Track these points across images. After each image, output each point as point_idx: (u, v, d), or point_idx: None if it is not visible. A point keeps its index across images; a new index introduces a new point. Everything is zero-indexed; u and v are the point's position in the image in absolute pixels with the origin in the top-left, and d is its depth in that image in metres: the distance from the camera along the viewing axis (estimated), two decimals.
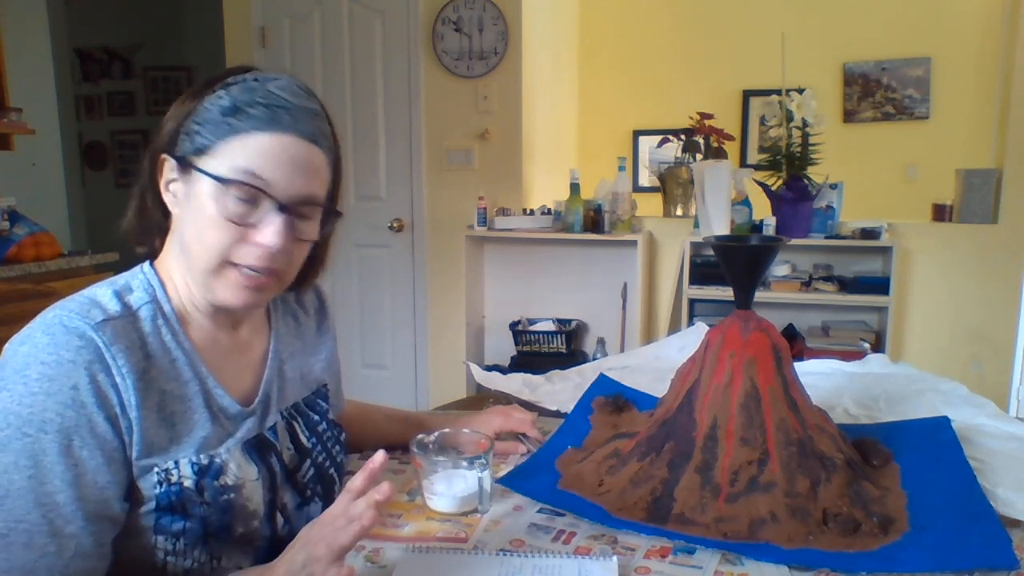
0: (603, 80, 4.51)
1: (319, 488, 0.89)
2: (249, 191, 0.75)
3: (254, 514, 0.79)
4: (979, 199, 3.02)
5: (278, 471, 0.84)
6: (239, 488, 0.78)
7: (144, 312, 0.77)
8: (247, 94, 0.76)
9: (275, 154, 0.75)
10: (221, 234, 0.75)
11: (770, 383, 0.93)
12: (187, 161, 0.76)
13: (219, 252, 0.75)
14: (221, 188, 0.74)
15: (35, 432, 0.68)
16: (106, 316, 0.73)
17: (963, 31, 3.98)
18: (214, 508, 0.76)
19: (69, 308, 0.73)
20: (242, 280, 0.77)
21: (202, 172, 0.75)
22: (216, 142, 0.75)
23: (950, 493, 0.91)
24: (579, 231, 3.16)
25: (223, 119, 0.75)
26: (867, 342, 2.92)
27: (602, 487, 0.96)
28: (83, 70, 5.78)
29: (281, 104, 0.76)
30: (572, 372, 1.52)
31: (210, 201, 0.75)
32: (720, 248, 1.01)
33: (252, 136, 0.75)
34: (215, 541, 0.76)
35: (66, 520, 0.68)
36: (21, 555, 0.67)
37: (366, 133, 3.50)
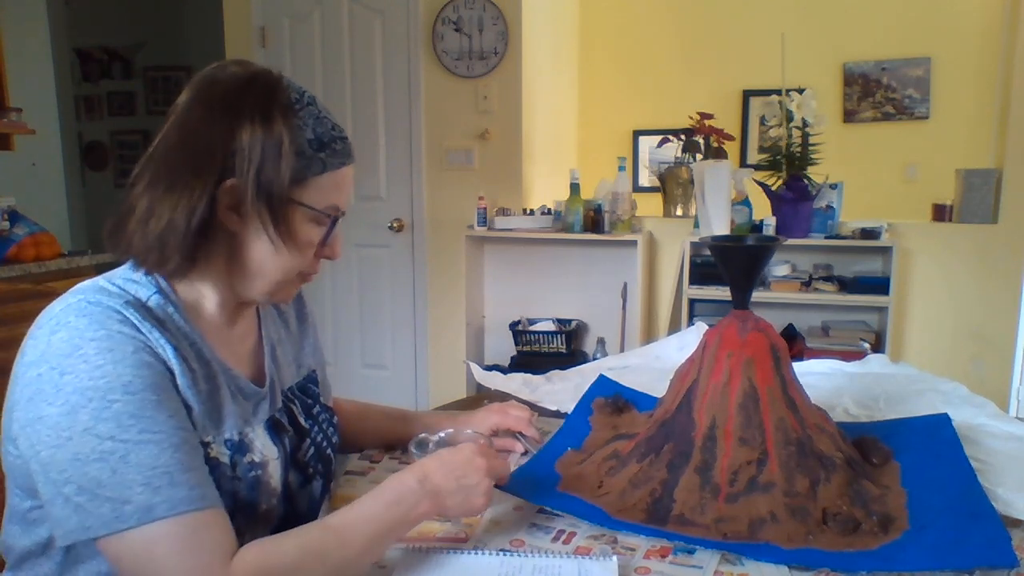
0: (603, 80, 4.51)
1: (319, 467, 0.92)
2: (339, 221, 0.85)
3: (275, 491, 0.83)
4: (979, 199, 3.02)
5: (288, 451, 0.88)
6: (265, 466, 0.82)
7: (154, 301, 0.78)
8: (321, 126, 0.81)
9: (349, 185, 0.86)
10: (309, 254, 0.84)
11: (768, 383, 0.93)
12: (283, 192, 0.78)
13: (299, 269, 0.84)
14: (317, 217, 0.82)
15: (122, 396, 0.69)
16: (125, 299, 0.75)
17: (963, 31, 3.98)
18: (244, 484, 0.79)
19: (86, 295, 0.74)
20: (300, 284, 0.89)
21: (305, 206, 0.80)
22: (309, 177, 0.80)
23: (950, 492, 0.91)
24: (579, 231, 3.16)
25: (315, 154, 0.80)
26: (867, 342, 2.91)
27: (602, 489, 0.96)
28: (83, 70, 5.79)
29: (343, 136, 0.84)
30: (572, 372, 1.52)
31: (306, 228, 0.82)
32: (717, 248, 1.01)
33: (342, 173, 0.83)
34: (242, 517, 0.78)
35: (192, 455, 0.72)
36: (173, 494, 0.68)
37: (366, 133, 3.50)
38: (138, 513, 0.66)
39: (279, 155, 0.77)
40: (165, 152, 0.78)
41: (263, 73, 0.82)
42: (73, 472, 0.67)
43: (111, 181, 5.88)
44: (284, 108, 0.79)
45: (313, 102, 0.83)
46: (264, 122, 0.77)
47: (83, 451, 0.67)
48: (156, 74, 5.77)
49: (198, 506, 0.68)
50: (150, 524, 0.66)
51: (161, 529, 0.67)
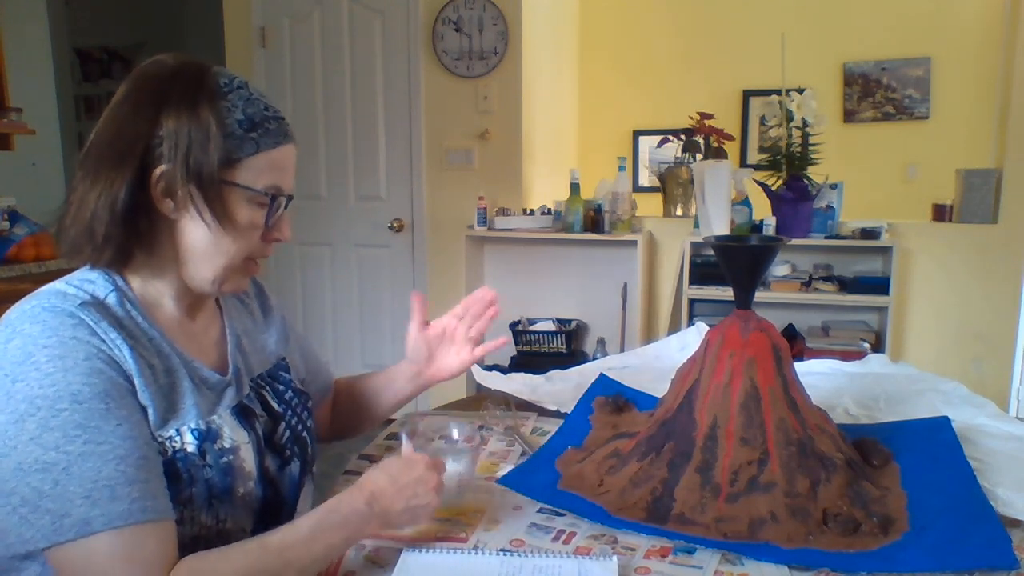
0: (603, 80, 4.51)
1: (296, 449, 0.93)
2: (281, 202, 0.85)
3: (250, 475, 0.83)
4: (979, 199, 3.02)
5: (260, 435, 0.88)
6: (236, 450, 0.82)
7: (111, 299, 0.79)
8: (251, 107, 0.82)
9: (289, 164, 0.86)
10: (253, 237, 0.84)
11: (770, 383, 0.93)
12: (214, 175, 0.79)
13: (247, 253, 0.84)
14: (254, 198, 0.82)
15: (69, 405, 0.69)
16: (82, 300, 0.76)
17: (963, 31, 3.98)
18: (216, 470, 0.79)
19: (41, 301, 0.74)
20: (253, 269, 0.88)
21: (239, 186, 0.81)
22: (243, 157, 0.81)
23: (950, 493, 0.91)
24: (579, 231, 3.15)
25: (246, 135, 0.80)
26: (867, 342, 2.91)
27: (602, 487, 0.96)
28: (83, 70, 5.79)
29: (280, 116, 0.85)
30: (572, 372, 1.52)
31: (244, 210, 0.82)
32: (720, 248, 1.01)
33: (275, 151, 0.83)
34: (219, 503, 0.80)
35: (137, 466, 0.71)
36: (111, 507, 0.68)
37: (366, 133, 3.50)
38: (76, 526, 0.67)
39: (207, 138, 0.78)
40: (95, 147, 0.80)
41: (191, 63, 0.83)
42: (17, 483, 0.67)
43: None
44: (211, 93, 0.80)
45: (244, 86, 0.83)
46: (190, 108, 0.78)
47: (27, 461, 0.67)
48: None
49: (137, 519, 0.68)
50: (87, 537, 0.67)
51: (99, 542, 0.67)
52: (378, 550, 0.84)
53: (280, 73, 3.56)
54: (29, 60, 3.86)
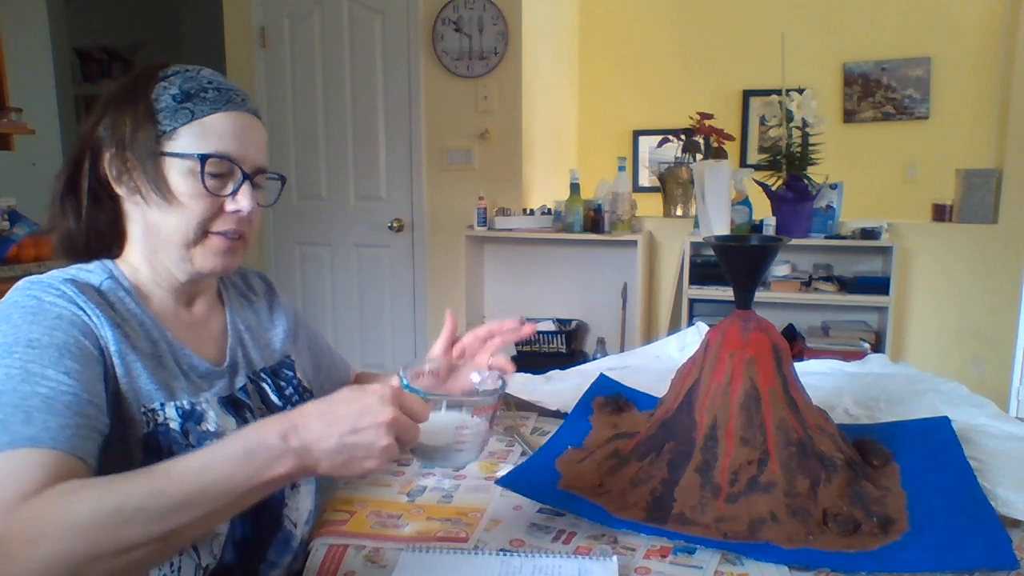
0: (603, 80, 4.51)
1: None
2: (225, 164, 0.84)
3: None
4: (979, 199, 3.02)
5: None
6: (221, 435, 0.81)
7: (106, 286, 0.83)
8: (191, 82, 0.84)
9: (237, 130, 0.85)
10: (200, 207, 0.83)
11: (770, 383, 0.93)
12: (150, 149, 0.82)
13: (199, 224, 0.83)
14: (196, 166, 0.82)
15: (23, 348, 0.71)
16: (69, 278, 0.80)
17: (963, 31, 3.98)
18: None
19: (31, 280, 0.78)
20: (221, 245, 0.85)
21: (174, 155, 0.82)
22: (177, 127, 0.82)
23: (950, 493, 0.91)
24: (579, 231, 3.16)
25: (179, 106, 0.83)
26: (867, 342, 2.91)
27: (602, 487, 0.96)
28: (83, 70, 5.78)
29: (226, 87, 0.86)
30: (572, 372, 1.52)
31: (183, 179, 0.82)
32: (720, 248, 1.01)
33: (214, 117, 0.84)
34: None
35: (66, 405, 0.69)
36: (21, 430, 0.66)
37: (366, 133, 3.50)
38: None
39: (141, 117, 0.82)
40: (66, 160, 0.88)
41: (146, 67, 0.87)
42: None
43: None
44: (148, 79, 0.84)
45: (194, 71, 0.86)
46: (127, 95, 0.84)
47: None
48: None
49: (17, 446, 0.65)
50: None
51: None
52: (378, 550, 0.84)
53: (280, 73, 3.56)
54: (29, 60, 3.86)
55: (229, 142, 0.84)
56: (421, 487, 1.00)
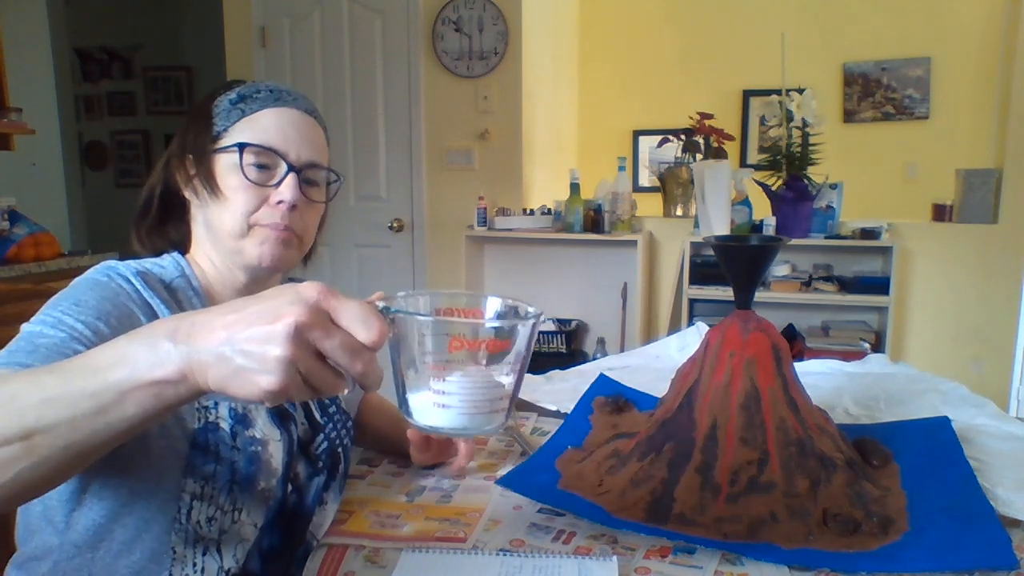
0: (603, 80, 4.51)
1: (329, 462, 0.94)
2: (266, 154, 0.86)
3: (275, 472, 0.84)
4: (979, 199, 3.02)
5: (295, 439, 0.89)
6: (265, 444, 0.83)
7: (176, 284, 0.86)
8: (249, 88, 0.90)
9: (283, 124, 0.87)
10: (245, 198, 0.85)
11: (770, 383, 0.92)
12: (204, 149, 0.87)
13: (244, 215, 0.85)
14: (245, 159, 0.85)
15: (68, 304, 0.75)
16: (140, 271, 0.83)
17: (963, 31, 3.98)
18: (243, 456, 0.81)
19: (108, 263, 0.82)
20: (269, 235, 0.86)
21: (220, 151, 0.86)
22: (228, 126, 0.87)
23: (950, 493, 0.91)
24: (579, 231, 3.16)
25: (232, 107, 0.87)
26: (867, 342, 2.91)
27: (602, 487, 0.95)
28: (83, 70, 5.78)
29: (279, 89, 0.90)
30: (572, 372, 1.52)
31: (230, 173, 0.85)
32: (720, 248, 1.01)
33: (261, 114, 0.87)
34: (239, 491, 0.81)
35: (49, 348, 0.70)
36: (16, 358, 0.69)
37: (366, 133, 3.50)
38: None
39: (202, 123, 0.88)
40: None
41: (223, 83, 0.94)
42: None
43: (111, 181, 5.87)
44: (215, 93, 0.90)
45: (256, 85, 0.90)
46: (197, 110, 0.90)
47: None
48: (156, 74, 5.77)
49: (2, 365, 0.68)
50: None
51: None
52: (378, 550, 0.84)
53: (280, 73, 3.56)
54: (29, 60, 3.86)
55: (273, 134, 0.86)
56: (420, 487, 1.00)
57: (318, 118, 0.93)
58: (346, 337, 0.49)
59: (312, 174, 0.90)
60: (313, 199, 0.91)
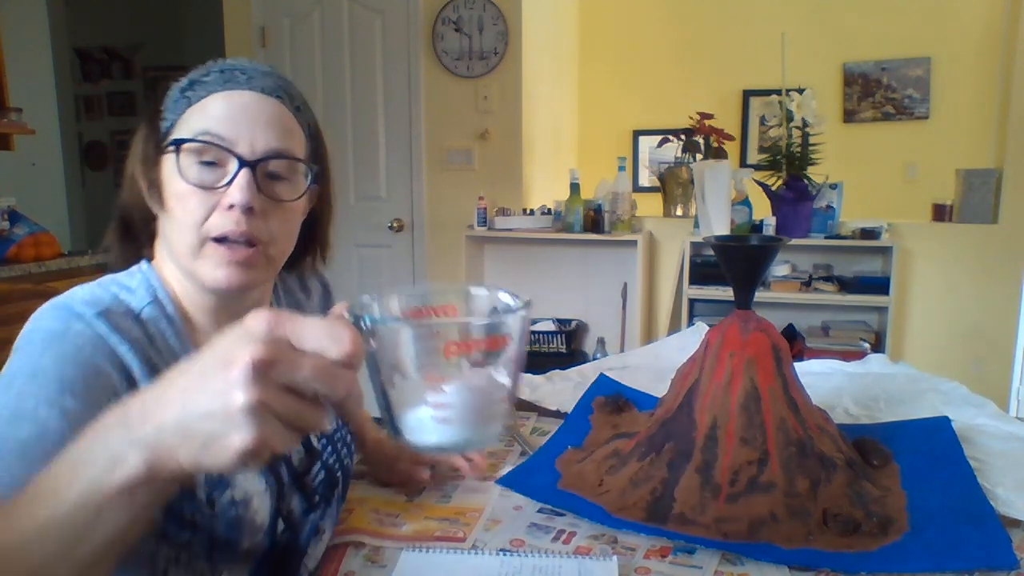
0: (603, 80, 4.51)
1: (325, 493, 0.86)
2: (208, 149, 0.70)
3: (260, 528, 0.75)
4: (979, 199, 3.02)
5: (286, 479, 0.81)
6: (247, 503, 0.74)
7: (147, 314, 0.73)
8: (202, 69, 0.75)
9: (234, 111, 0.72)
10: (194, 206, 0.70)
11: (770, 383, 0.92)
12: (149, 153, 0.74)
13: (194, 225, 0.70)
14: (183, 157, 0.70)
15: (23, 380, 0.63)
16: (104, 309, 0.70)
17: (963, 31, 3.98)
18: (223, 522, 0.72)
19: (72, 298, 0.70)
20: (224, 254, 0.71)
21: (164, 151, 0.73)
22: (176, 120, 0.73)
23: (950, 493, 0.91)
24: (579, 231, 3.15)
25: (180, 96, 0.74)
26: (867, 342, 2.91)
27: (602, 487, 0.95)
28: (83, 70, 5.78)
29: (236, 67, 0.74)
30: (572, 372, 1.52)
31: (176, 177, 0.71)
32: (720, 248, 1.01)
33: (209, 100, 0.72)
34: (220, 555, 0.73)
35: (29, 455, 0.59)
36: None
37: (366, 133, 3.50)
38: None
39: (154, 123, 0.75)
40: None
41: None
42: None
43: (111, 181, 5.87)
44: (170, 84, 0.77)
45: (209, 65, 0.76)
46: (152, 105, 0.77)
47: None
48: (156, 74, 5.77)
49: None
50: None
51: None
52: (378, 550, 0.84)
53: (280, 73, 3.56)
54: (29, 60, 3.86)
55: (218, 124, 0.71)
56: (420, 486, 1.00)
57: (286, 98, 0.76)
58: (317, 360, 0.41)
59: (277, 167, 0.74)
60: (281, 198, 0.74)
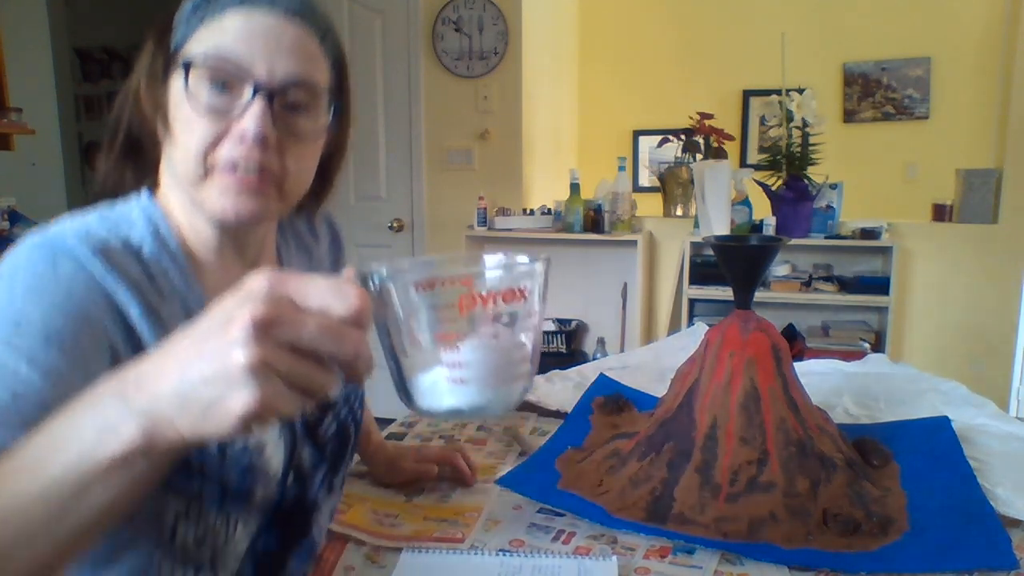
0: (603, 80, 4.51)
1: (337, 446, 0.82)
2: (220, 72, 0.64)
3: (274, 477, 0.72)
4: (979, 199, 3.02)
5: (298, 429, 0.77)
6: (261, 449, 0.70)
7: (148, 250, 0.67)
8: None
9: (251, 33, 0.65)
10: (201, 130, 0.65)
11: (770, 383, 0.92)
12: (156, 72, 0.68)
13: (200, 151, 0.65)
14: (193, 78, 0.64)
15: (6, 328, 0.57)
16: (101, 247, 0.63)
17: (963, 31, 3.98)
18: (235, 471, 0.68)
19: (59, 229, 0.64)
20: (231, 182, 0.65)
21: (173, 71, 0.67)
22: (187, 37, 0.67)
23: (950, 493, 0.91)
24: (579, 231, 3.16)
25: (193, 13, 0.67)
26: (867, 342, 2.92)
27: (602, 487, 0.95)
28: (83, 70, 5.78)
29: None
30: (572, 372, 1.52)
31: (184, 100, 0.65)
32: (720, 248, 1.01)
33: (225, 17, 0.66)
34: (232, 504, 0.69)
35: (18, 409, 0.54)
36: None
37: (366, 133, 3.49)
38: None
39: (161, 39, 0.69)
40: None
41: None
42: None
43: None
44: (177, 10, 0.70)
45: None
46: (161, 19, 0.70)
47: None
48: None
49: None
50: None
51: None
52: (378, 549, 0.84)
53: None
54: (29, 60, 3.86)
55: (235, 44, 0.65)
56: (419, 487, 1.00)
57: (311, 21, 0.69)
58: (321, 319, 0.40)
59: (297, 97, 0.67)
60: (298, 131, 0.68)
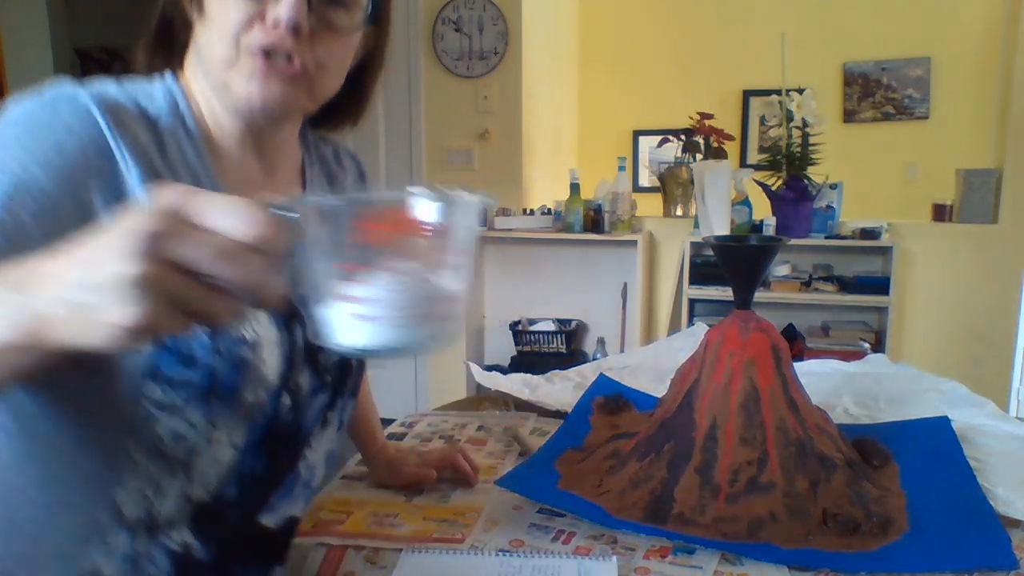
0: (603, 80, 4.51)
1: (338, 375, 0.79)
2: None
3: (267, 382, 0.67)
4: (979, 199, 3.02)
5: (300, 344, 0.72)
6: (257, 346, 0.66)
7: (164, 123, 0.66)
8: None
9: None
10: (236, 11, 0.64)
11: (770, 383, 0.92)
12: None
13: (233, 33, 0.64)
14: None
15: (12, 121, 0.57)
16: (115, 104, 0.63)
17: (963, 31, 3.98)
18: (225, 361, 0.64)
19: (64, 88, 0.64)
20: (260, 66, 0.65)
21: None
22: None
23: (950, 493, 0.91)
24: (579, 231, 3.16)
25: None
26: (867, 342, 2.92)
27: (602, 487, 0.95)
28: (83, 70, 5.78)
29: None
30: (572, 372, 1.52)
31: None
32: (720, 248, 1.01)
33: None
34: (218, 403, 0.64)
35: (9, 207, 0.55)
36: None
37: (366, 133, 3.49)
38: None
39: None
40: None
41: None
42: None
43: None
44: None
45: None
46: None
47: None
48: None
49: None
50: None
51: None
52: (377, 551, 0.84)
53: None
54: (29, 60, 3.86)
55: None
56: (419, 487, 1.00)
57: None
58: (219, 240, 0.37)
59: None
60: (336, 23, 0.67)
